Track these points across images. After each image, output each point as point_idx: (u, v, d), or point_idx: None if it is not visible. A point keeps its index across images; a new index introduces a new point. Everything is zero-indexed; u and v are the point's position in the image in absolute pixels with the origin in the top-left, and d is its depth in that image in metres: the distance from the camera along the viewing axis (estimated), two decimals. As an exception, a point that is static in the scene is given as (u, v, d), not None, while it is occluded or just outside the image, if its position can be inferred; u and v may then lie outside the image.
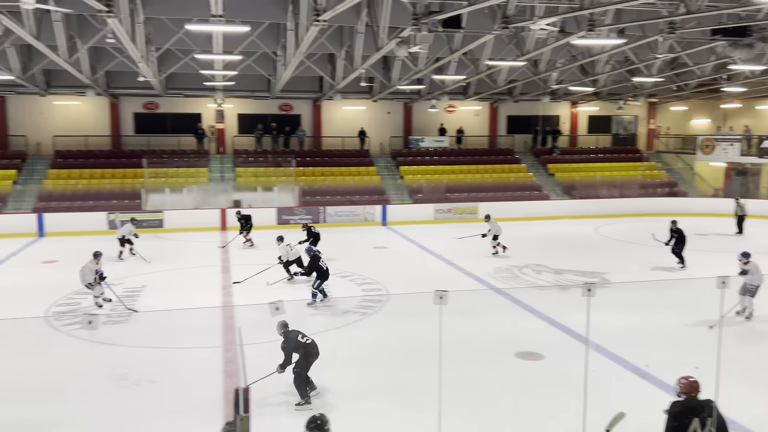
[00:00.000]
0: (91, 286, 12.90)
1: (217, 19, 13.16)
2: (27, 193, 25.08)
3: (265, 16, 16.95)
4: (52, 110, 28.28)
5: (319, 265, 13.13)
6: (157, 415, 8.02)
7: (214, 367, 9.45)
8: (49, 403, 8.34)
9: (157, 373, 9.24)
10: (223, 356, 9.93)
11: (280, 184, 26.95)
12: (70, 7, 14.03)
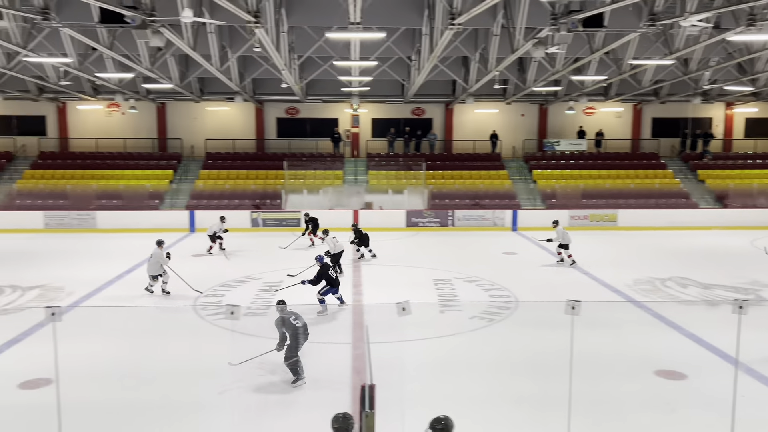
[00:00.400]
0: (157, 277, 14.00)
1: (356, 27, 13.58)
2: (181, 191, 27.36)
3: (401, 21, 17.24)
4: (204, 115, 30.64)
5: (329, 274, 12.79)
6: (289, 404, 8.39)
7: (344, 363, 9.73)
8: (194, 386, 9.01)
9: (290, 365, 9.65)
10: (352, 353, 10.20)
11: (410, 187, 27.27)
12: (222, 19, 15.11)
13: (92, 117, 30.36)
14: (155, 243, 14.30)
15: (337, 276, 13.12)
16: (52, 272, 16.60)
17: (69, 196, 26.09)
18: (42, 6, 13.18)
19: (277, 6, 15.23)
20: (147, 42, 13.20)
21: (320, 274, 12.67)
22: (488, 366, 9.84)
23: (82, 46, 18.83)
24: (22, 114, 30.19)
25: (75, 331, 10.73)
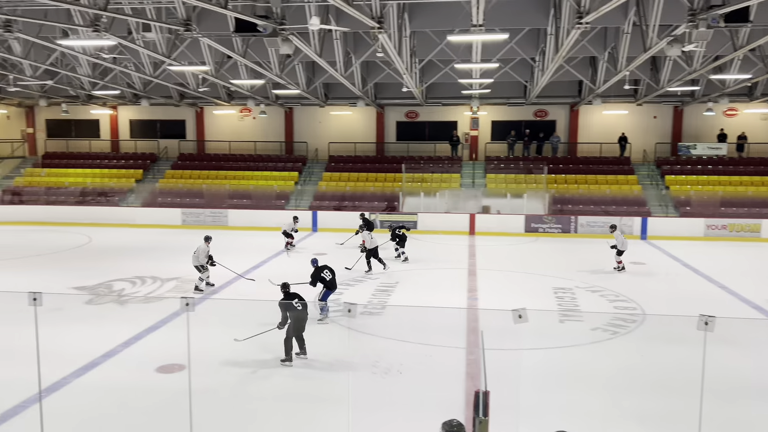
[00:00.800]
0: (202, 268, 14.64)
1: (478, 29, 13.47)
2: (305, 192, 28.48)
3: (524, 22, 16.88)
4: (328, 120, 31.70)
5: (322, 275, 12.36)
6: (402, 404, 8.46)
7: (458, 367, 9.67)
8: (312, 380, 9.33)
9: (405, 365, 9.75)
10: (466, 357, 10.12)
11: (530, 191, 26.59)
12: (347, 25, 15.56)
13: (226, 121, 32.39)
14: (203, 238, 15.11)
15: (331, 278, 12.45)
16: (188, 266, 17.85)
17: (204, 195, 28.01)
18: (185, 18, 14.24)
19: (399, 11, 15.45)
20: (277, 49, 13.87)
21: (313, 276, 12.37)
22: (609, 380, 9.38)
23: (219, 55, 20.13)
24: (165, 118, 32.81)
25: (206, 321, 11.47)
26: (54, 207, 27.04)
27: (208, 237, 15.23)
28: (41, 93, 27.81)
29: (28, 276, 16.21)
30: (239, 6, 14.07)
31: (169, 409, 8.13)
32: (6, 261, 18.69)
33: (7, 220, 26.31)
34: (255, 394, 8.84)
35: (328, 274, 12.45)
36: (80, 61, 21.73)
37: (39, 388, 6.84)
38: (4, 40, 19.08)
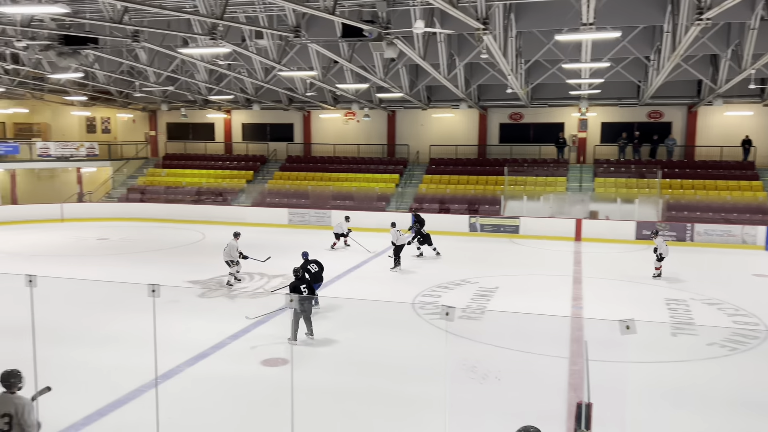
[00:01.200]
0: (232, 264, 15.18)
1: (588, 27, 13.00)
2: (406, 194, 28.68)
3: (639, 19, 16.08)
4: (430, 122, 31.74)
5: (308, 268, 13.05)
6: (500, 411, 8.31)
7: (559, 377, 9.37)
8: (408, 382, 9.36)
9: (503, 372, 9.58)
10: (568, 368, 9.78)
11: (642, 197, 25.30)
12: (451, 27, 15.51)
13: (331, 124, 33.25)
14: (232, 234, 15.75)
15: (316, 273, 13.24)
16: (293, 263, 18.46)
17: (309, 196, 28.90)
18: (294, 25, 14.77)
19: (506, 12, 15.20)
20: (382, 53, 14.06)
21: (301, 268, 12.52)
22: (725, 400, 8.73)
23: (326, 60, 20.70)
24: (274, 122, 34.15)
25: (308, 318, 11.79)
26: (172, 205, 28.91)
27: (237, 233, 15.90)
28: (163, 98, 29.80)
29: (148, 269, 17.40)
30: (346, 12, 14.41)
31: (272, 402, 8.43)
32: (129, 254, 20.18)
33: (131, 216, 28.41)
34: (352, 392, 8.99)
35: (314, 267, 13.26)
36: (198, 68, 23.09)
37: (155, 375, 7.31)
38: (132, 50, 20.62)
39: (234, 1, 14.54)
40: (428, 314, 13.00)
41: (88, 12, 15.47)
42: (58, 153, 30.69)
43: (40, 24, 15.76)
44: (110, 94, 29.16)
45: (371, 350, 10.82)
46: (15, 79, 25.39)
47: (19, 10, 13.09)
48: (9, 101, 32.13)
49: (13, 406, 5.91)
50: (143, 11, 15.29)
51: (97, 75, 24.80)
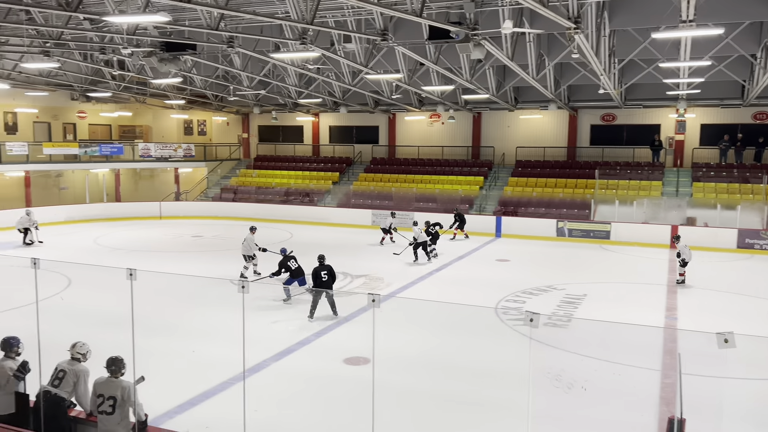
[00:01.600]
0: (250, 258, 15.99)
1: (688, 25, 12.35)
2: (490, 197, 28.29)
3: (744, 15, 15.10)
4: (517, 124, 31.16)
5: (288, 264, 13.65)
6: (586, 422, 8.04)
7: (649, 390, 8.95)
8: (491, 387, 9.22)
9: (589, 382, 9.26)
10: (660, 381, 9.32)
11: (745, 203, 23.74)
12: (541, 27, 15.17)
13: (416, 126, 33.32)
14: (249, 229, 16.58)
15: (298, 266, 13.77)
16: (376, 264, 18.67)
17: (393, 198, 29.08)
18: (382, 29, 14.92)
19: (599, 10, 14.70)
20: (468, 55, 13.95)
21: (280, 264, 13.64)
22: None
23: (412, 62, 20.77)
24: (360, 125, 34.63)
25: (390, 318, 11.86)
26: (262, 205, 29.91)
27: (253, 227, 16.76)
28: (255, 102, 30.89)
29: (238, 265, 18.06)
30: (433, 14, 14.40)
31: (354, 400, 8.55)
32: (221, 251, 21.05)
33: (224, 214, 29.63)
34: (432, 395, 8.96)
35: (294, 264, 13.81)
36: (289, 72, 23.77)
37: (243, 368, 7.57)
38: (227, 55, 21.51)
39: (324, 6, 14.86)
40: (512, 320, 12.76)
41: (188, 20, 16.27)
42: (158, 154, 32.47)
43: (144, 32, 16.73)
44: (206, 97, 30.55)
45: (452, 354, 10.75)
46: (121, 84, 27.09)
47: (126, 20, 13.96)
48: (115, 105, 34.32)
49: (119, 390, 6.35)
50: (238, 18, 15.90)
51: (194, 80, 26.04)
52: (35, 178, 28.85)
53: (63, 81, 26.90)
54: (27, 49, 18.97)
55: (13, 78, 24.88)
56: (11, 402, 6.85)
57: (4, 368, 6.82)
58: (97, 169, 30.90)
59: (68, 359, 6.82)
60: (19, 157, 27.59)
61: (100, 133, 35.23)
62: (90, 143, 31.30)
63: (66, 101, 31.82)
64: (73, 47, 19.42)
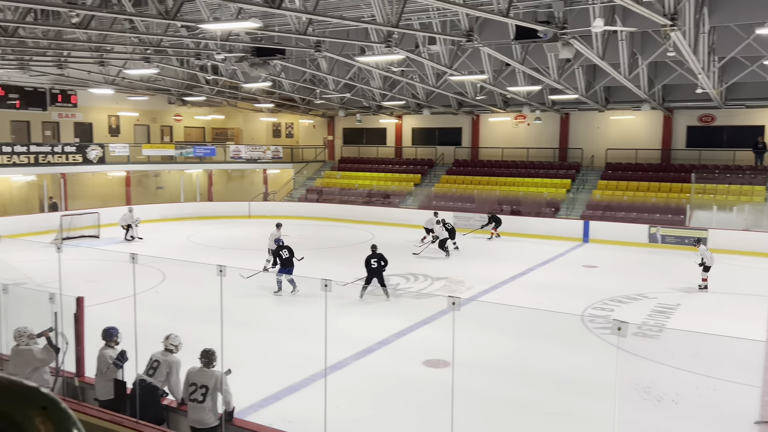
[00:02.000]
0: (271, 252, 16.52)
1: (796, 18, 11.52)
2: (577, 201, 27.45)
3: None
4: (607, 125, 30.07)
5: (280, 253, 14.67)
6: None
7: (748, 408, 8.39)
8: (577, 396, 8.94)
9: (681, 396, 8.80)
10: (761, 398, 8.72)
11: None
12: (634, 25, 14.57)
13: (500, 128, 32.83)
14: (275, 225, 17.77)
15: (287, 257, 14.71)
16: (456, 267, 18.54)
17: (475, 200, 28.78)
18: (467, 29, 14.81)
19: (697, 6, 13.95)
20: (556, 54, 13.61)
21: (273, 254, 14.78)
22: None
23: (497, 63, 20.49)
24: (443, 126, 34.51)
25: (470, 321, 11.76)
26: (345, 206, 30.40)
27: (279, 224, 17.97)
28: (340, 104, 31.44)
29: (322, 264, 18.44)
30: (520, 14, 14.15)
31: (431, 402, 8.52)
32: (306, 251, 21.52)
33: (309, 215, 30.33)
34: (513, 401, 8.79)
35: (285, 253, 14.74)
36: (373, 74, 24.03)
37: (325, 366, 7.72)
38: (314, 59, 22.02)
39: (409, 8, 14.93)
40: (598, 328, 12.33)
41: (277, 25, 16.77)
42: (248, 155, 33.68)
43: (236, 38, 17.40)
44: (294, 101, 31.39)
45: (534, 360, 10.51)
46: (214, 89, 28.30)
47: (220, 27, 14.57)
48: (208, 108, 35.90)
49: (212, 379, 6.65)
50: (325, 22, 16.24)
51: (283, 83, 26.82)
52: (135, 178, 30.62)
53: (161, 86, 28.42)
54: (130, 56, 20.18)
55: (116, 83, 26.53)
56: (111, 388, 7.31)
57: (104, 356, 7.29)
58: (191, 170, 32.43)
59: (162, 350, 7.20)
60: (120, 157, 29.37)
61: (195, 135, 36.99)
62: (185, 145, 32.90)
63: (164, 105, 33.62)
64: (171, 54, 20.46)
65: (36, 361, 7.28)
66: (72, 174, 27.61)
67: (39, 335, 7.37)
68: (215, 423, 6.68)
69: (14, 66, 21.53)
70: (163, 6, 12.65)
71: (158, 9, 12.53)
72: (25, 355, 7.27)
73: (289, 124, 39.37)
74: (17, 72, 22.81)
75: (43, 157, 26.00)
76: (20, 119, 28.38)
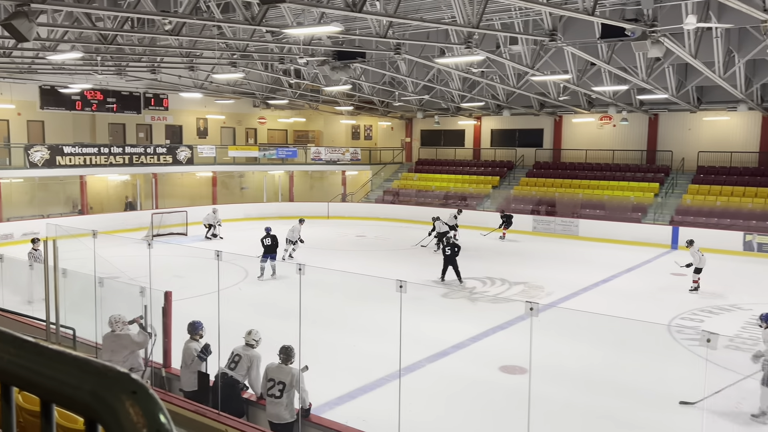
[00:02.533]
0: (291, 243, 18.32)
1: None
2: (666, 206, 26.24)
3: None
4: (699, 126, 28.60)
5: (263, 241, 16.82)
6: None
7: None
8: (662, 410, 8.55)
9: (779, 417, 8.24)
10: None
11: None
12: (730, 21, 13.79)
13: (584, 129, 31.88)
14: (298, 220, 19.34)
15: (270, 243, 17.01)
16: (535, 272, 18.15)
17: (556, 204, 28.08)
18: (550, 29, 14.47)
19: (802, -3, 13.04)
20: (645, 53, 13.09)
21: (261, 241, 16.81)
22: None
23: (581, 62, 19.92)
24: (523, 128, 33.89)
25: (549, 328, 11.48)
26: (421, 207, 30.38)
27: (302, 220, 19.50)
28: (419, 107, 31.47)
29: (397, 265, 18.53)
30: (607, 12, 13.69)
31: (507, 408, 8.38)
32: (382, 251, 21.72)
33: (386, 216, 30.54)
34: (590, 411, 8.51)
35: (267, 240, 16.86)
36: (452, 76, 23.91)
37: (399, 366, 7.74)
38: (393, 62, 22.16)
39: (490, 9, 14.75)
40: (686, 339, 11.75)
41: (358, 29, 17.00)
42: (328, 157, 34.31)
43: (319, 42, 17.77)
44: (373, 103, 31.70)
45: (615, 370, 10.13)
46: (296, 92, 29.02)
47: (303, 32, 14.92)
48: (291, 111, 36.85)
49: (289, 376, 6.82)
50: (405, 25, 16.31)
51: (362, 86, 27.15)
52: (220, 178, 31.84)
53: (247, 90, 29.41)
54: (217, 61, 21.01)
55: (205, 87, 27.69)
56: (194, 380, 7.62)
57: (190, 349, 7.61)
58: (273, 171, 33.38)
59: (243, 345, 7.44)
60: (208, 158, 30.62)
61: (277, 137, 38.06)
62: (268, 147, 33.91)
63: (248, 108, 34.79)
64: (256, 58, 21.15)
65: (133, 344, 7.73)
66: (162, 174, 29.04)
67: (131, 322, 7.83)
68: (291, 419, 6.83)
69: (112, 72, 22.89)
70: (249, 12, 13.10)
71: (245, 15, 12.98)
72: (123, 339, 7.72)
73: (367, 127, 39.80)
74: (115, 77, 24.24)
75: (136, 158, 27.51)
76: (117, 122, 30.13)
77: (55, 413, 0.90)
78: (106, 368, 0.81)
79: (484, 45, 16.80)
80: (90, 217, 24.74)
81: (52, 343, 0.98)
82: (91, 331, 8.74)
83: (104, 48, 16.59)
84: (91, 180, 26.85)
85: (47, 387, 0.85)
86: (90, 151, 26.04)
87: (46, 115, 26.91)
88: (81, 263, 9.11)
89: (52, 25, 14.89)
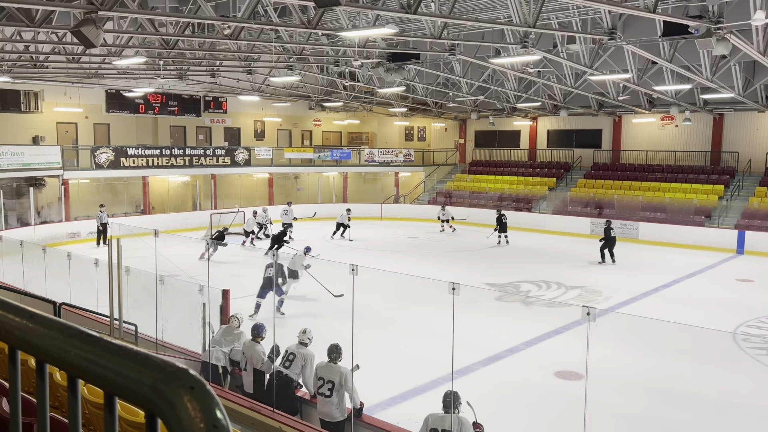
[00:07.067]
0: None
1: None
2: (732, 209, 25.17)
3: None
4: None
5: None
6: None
7: None
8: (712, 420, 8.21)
9: None
10: None
11: None
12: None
13: (645, 129, 30.93)
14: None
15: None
16: (593, 276, 17.72)
17: (615, 206, 27.33)
18: (609, 27, 14.12)
19: None
20: (710, 51, 12.61)
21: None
22: None
23: (642, 61, 19.35)
24: (581, 128, 33.14)
25: (607, 333, 11.19)
26: (475, 209, 30.10)
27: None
28: (473, 107, 31.21)
29: (450, 267, 18.42)
30: (669, 9, 13.26)
31: (562, 414, 8.21)
32: (434, 253, 21.63)
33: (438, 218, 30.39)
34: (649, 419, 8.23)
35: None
36: (508, 76, 23.62)
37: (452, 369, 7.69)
38: (448, 63, 22.06)
39: (547, 8, 14.50)
40: (753, 348, 11.25)
41: (412, 30, 17.00)
42: (381, 159, 34.45)
43: (373, 44, 17.85)
44: (427, 105, 31.64)
45: (675, 379, 9.78)
46: (351, 94, 29.26)
47: (358, 34, 15.04)
48: (345, 113, 37.16)
49: (337, 375, 6.87)
50: (460, 25, 16.21)
51: (416, 88, 27.14)
52: (276, 179, 32.40)
53: (302, 92, 29.84)
54: (274, 65, 21.39)
55: (262, 90, 28.23)
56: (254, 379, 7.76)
57: (258, 352, 7.73)
58: (328, 173, 33.74)
59: (296, 343, 7.54)
60: (264, 160, 31.23)
61: (332, 139, 38.46)
62: (323, 149, 34.31)
63: (304, 110, 35.29)
64: (312, 61, 21.43)
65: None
66: (221, 175, 29.77)
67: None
68: (341, 418, 6.87)
69: (174, 76, 23.61)
70: (305, 16, 13.29)
71: (301, 19, 13.17)
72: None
73: (421, 128, 39.75)
74: (176, 81, 25.00)
75: (196, 160, 28.30)
76: (178, 124, 31.09)
77: (117, 406, 0.93)
78: (166, 363, 0.84)
79: (540, 44, 16.52)
80: (152, 217, 25.58)
81: (116, 338, 1.02)
82: (152, 327, 9.03)
83: (166, 53, 17.14)
84: (153, 181, 27.77)
85: (110, 380, 0.88)
86: (152, 153, 26.95)
87: (111, 118, 28.01)
88: (143, 261, 9.43)
89: (117, 31, 15.49)
